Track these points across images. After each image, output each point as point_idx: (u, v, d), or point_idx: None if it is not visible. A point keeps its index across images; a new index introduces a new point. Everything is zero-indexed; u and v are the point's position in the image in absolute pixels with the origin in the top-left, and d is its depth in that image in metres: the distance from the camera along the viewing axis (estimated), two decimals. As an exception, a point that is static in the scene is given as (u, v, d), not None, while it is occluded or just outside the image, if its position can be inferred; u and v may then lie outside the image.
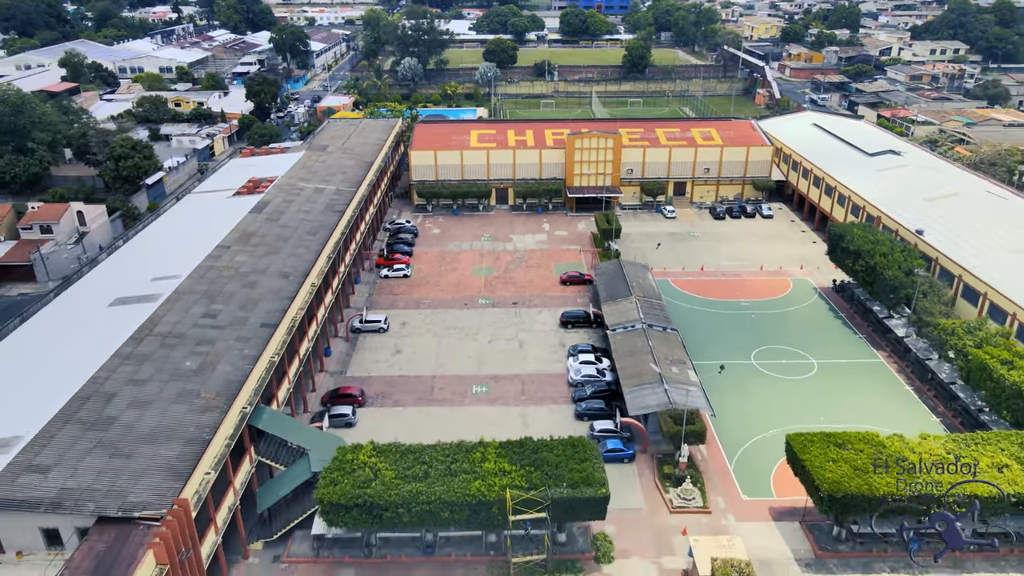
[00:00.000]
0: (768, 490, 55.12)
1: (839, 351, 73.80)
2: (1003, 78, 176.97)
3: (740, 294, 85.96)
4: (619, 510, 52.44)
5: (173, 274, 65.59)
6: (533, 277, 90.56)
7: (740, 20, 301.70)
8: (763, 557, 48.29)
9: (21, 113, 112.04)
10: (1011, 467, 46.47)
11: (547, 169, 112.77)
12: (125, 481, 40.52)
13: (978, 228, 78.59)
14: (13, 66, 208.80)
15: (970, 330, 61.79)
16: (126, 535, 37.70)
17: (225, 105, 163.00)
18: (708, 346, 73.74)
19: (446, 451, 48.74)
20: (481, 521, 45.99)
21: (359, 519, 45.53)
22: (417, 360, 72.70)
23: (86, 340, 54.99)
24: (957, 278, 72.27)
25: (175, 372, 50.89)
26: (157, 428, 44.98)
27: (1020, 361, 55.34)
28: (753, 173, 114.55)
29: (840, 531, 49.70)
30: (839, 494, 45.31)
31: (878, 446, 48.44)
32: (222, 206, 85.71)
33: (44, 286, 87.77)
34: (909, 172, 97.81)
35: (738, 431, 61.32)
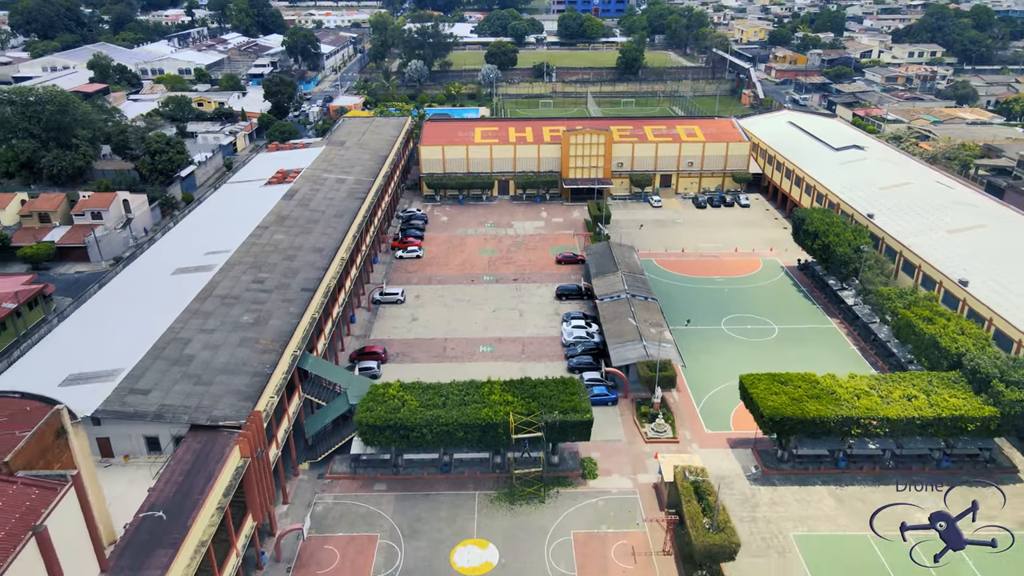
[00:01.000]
0: (727, 426, 65.55)
1: (798, 319, 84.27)
2: (973, 79, 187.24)
3: (715, 272, 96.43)
4: (603, 441, 63.01)
5: (223, 249, 75.95)
6: (532, 257, 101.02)
7: (731, 23, 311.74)
8: (720, 474, 58.52)
9: (66, 112, 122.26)
10: (918, 397, 56.85)
11: (545, 163, 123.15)
12: (209, 400, 50.90)
13: (922, 213, 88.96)
14: (40, 68, 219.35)
15: (903, 296, 72.18)
16: (214, 439, 48.03)
17: (244, 104, 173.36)
18: (685, 314, 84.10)
19: (459, 387, 59.13)
20: (488, 441, 56.38)
21: (390, 438, 55.94)
22: (431, 326, 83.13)
23: (158, 300, 65.35)
24: (898, 254, 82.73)
25: (236, 324, 61.30)
26: (228, 364, 55.37)
27: (939, 319, 65.65)
28: (732, 167, 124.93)
29: (783, 453, 60.12)
30: (778, 417, 55.74)
31: (813, 383, 58.84)
32: (256, 194, 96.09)
33: (97, 265, 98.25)
34: (869, 165, 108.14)
35: (706, 381, 71.71)
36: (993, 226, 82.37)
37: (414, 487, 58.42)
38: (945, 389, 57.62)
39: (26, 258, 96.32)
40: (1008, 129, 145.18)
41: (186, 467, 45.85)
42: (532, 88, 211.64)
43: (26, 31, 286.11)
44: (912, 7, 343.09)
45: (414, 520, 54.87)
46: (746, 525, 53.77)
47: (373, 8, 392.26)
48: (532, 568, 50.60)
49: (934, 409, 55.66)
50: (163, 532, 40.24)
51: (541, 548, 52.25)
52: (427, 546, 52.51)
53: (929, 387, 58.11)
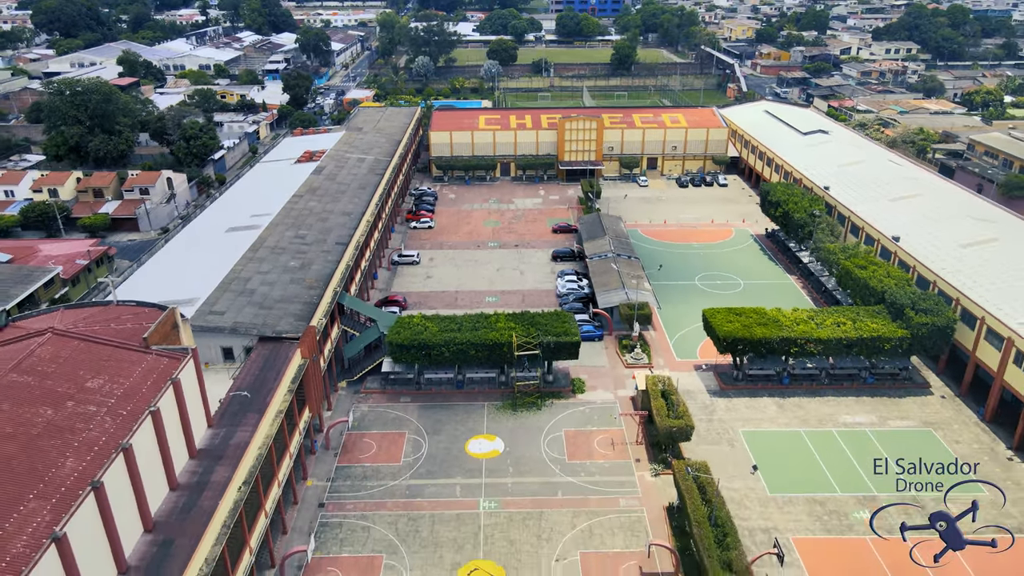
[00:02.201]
0: (694, 355, 77.61)
1: (761, 276, 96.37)
2: (943, 74, 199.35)
3: (692, 239, 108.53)
4: (590, 367, 75.06)
5: (266, 213, 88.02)
6: (531, 228, 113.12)
7: (722, 22, 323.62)
8: (686, 390, 70.40)
9: (109, 101, 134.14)
10: (846, 324, 68.94)
11: (542, 147, 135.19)
12: (272, 320, 62.98)
13: (871, 185, 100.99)
14: (68, 64, 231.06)
15: (845, 250, 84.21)
16: (279, 347, 60.08)
17: (264, 97, 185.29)
18: (664, 272, 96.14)
19: (471, 318, 71.20)
20: (495, 359, 68.44)
21: (415, 356, 68.06)
22: (443, 282, 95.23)
23: (218, 250, 77.41)
24: (847, 219, 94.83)
25: (285, 268, 73.39)
26: (283, 296, 67.45)
27: (871, 266, 77.68)
28: (712, 150, 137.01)
29: (738, 373, 72.22)
30: (731, 339, 67.88)
31: (762, 314, 70.91)
32: (288, 170, 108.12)
33: (147, 234, 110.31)
34: (831, 147, 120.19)
35: (678, 323, 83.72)
36: (928, 195, 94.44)
37: (434, 400, 70.49)
38: (869, 318, 69.77)
39: (85, 227, 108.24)
40: (967, 118, 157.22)
41: (258, 367, 57.91)
42: (531, 83, 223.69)
43: (49, 30, 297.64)
44: (895, 7, 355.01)
45: (435, 422, 66.96)
46: (704, 424, 65.86)
47: (378, 7, 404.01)
48: (530, 454, 62.71)
49: (858, 331, 67.80)
50: (250, 405, 52.32)
51: (538, 441, 64.36)
52: (446, 440, 64.61)
53: (856, 317, 70.22)
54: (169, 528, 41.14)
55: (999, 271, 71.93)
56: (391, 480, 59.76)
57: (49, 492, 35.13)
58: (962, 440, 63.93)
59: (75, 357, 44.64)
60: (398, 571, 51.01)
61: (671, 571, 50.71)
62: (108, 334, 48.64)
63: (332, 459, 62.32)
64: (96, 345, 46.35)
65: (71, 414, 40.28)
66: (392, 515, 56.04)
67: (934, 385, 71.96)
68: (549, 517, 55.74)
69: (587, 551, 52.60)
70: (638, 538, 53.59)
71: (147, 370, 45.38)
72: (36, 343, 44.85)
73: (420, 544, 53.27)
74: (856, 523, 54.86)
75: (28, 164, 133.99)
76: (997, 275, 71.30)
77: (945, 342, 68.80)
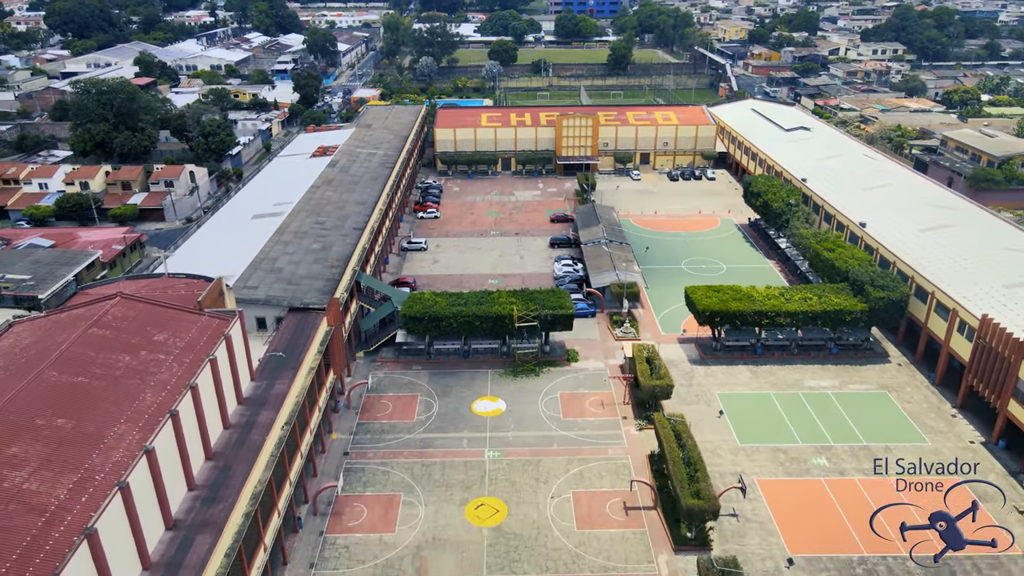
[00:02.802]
0: (678, 330, 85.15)
1: (742, 260, 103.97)
2: (925, 74, 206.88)
3: (680, 228, 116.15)
4: (583, 339, 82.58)
5: (287, 202, 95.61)
6: (530, 218, 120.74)
7: (716, 24, 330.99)
8: (669, 360, 77.71)
9: (133, 100, 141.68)
10: (812, 299, 76.55)
11: (541, 143, 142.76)
12: (300, 293, 70.58)
13: (844, 177, 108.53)
14: (84, 64, 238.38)
15: (816, 235, 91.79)
16: (307, 316, 67.69)
17: (275, 96, 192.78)
18: (653, 257, 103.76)
19: (476, 294, 78.80)
20: (498, 330, 76.02)
21: (426, 327, 75.68)
22: (449, 266, 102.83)
23: (247, 234, 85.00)
24: (821, 208, 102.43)
25: (308, 250, 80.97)
26: (308, 273, 75.06)
27: (838, 249, 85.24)
28: (701, 146, 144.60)
29: (716, 344, 79.83)
30: (709, 311, 75.52)
31: (738, 290, 78.53)
32: (304, 164, 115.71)
33: (173, 223, 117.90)
34: (812, 143, 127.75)
35: (664, 302, 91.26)
36: (896, 186, 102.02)
37: (443, 367, 78.08)
38: (833, 294, 77.39)
39: (115, 217, 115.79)
40: (944, 116, 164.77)
41: (290, 334, 65.55)
42: (531, 82, 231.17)
43: (62, 31, 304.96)
44: (886, 8, 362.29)
45: (444, 386, 74.56)
46: (684, 387, 73.44)
47: (380, 8, 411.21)
48: (529, 412, 70.33)
49: (822, 305, 75.43)
50: (285, 363, 59.94)
51: (536, 401, 71.99)
52: (454, 400, 72.22)
53: (822, 293, 77.84)
54: (226, 457, 48.80)
55: (951, 252, 79.55)
56: (406, 434, 67.42)
57: (135, 418, 42.81)
58: (913, 401, 71.58)
59: (142, 316, 52.32)
60: (415, 506, 58.67)
61: (650, 505, 58.35)
62: (166, 299, 56.31)
63: (354, 416, 69.97)
64: (158, 307, 54.03)
65: (145, 360, 47.95)
66: (408, 462, 63.71)
67: (892, 355, 79.60)
68: (545, 464, 63.39)
69: (578, 490, 60.25)
70: (623, 480, 61.22)
71: (202, 328, 53.03)
72: (109, 305, 52.48)
73: (433, 485, 60.92)
74: (813, 468, 62.54)
75: (56, 159, 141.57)
76: (948, 256, 78.92)
77: (900, 314, 76.49)
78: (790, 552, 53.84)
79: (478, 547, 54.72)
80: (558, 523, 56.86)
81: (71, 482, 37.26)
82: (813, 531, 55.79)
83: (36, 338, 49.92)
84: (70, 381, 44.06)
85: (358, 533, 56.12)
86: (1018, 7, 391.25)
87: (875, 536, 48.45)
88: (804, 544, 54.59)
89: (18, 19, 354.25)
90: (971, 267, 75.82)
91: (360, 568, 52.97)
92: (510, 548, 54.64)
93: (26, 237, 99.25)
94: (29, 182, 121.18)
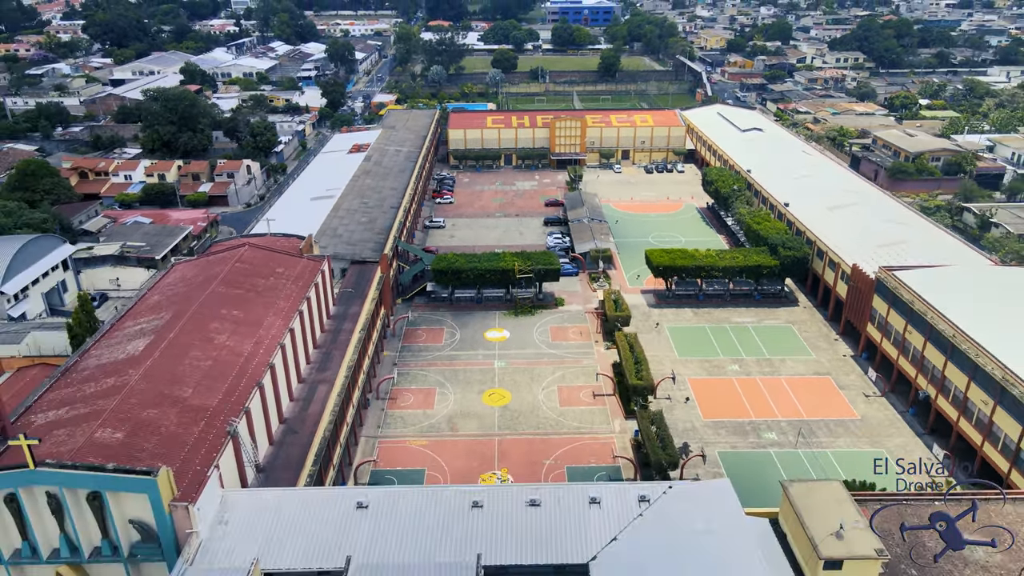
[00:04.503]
0: (642, 284, 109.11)
1: (697, 235, 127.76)
2: (876, 81, 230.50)
3: (650, 211, 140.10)
4: (568, 291, 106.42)
5: (336, 187, 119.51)
6: (528, 202, 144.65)
7: (700, 32, 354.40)
8: (633, 304, 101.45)
9: (194, 106, 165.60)
10: (739, 257, 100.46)
11: (538, 141, 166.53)
12: (358, 251, 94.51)
13: (782, 168, 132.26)
14: (130, 72, 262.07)
15: (751, 213, 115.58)
16: (365, 268, 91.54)
17: (305, 101, 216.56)
18: (626, 232, 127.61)
19: (487, 255, 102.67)
20: (503, 281, 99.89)
21: (450, 279, 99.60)
22: (464, 239, 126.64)
23: (309, 211, 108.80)
24: (759, 192, 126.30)
25: (359, 222, 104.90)
26: (362, 238, 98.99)
27: (764, 222, 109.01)
28: (673, 145, 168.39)
29: (668, 293, 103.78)
30: (661, 266, 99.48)
31: (684, 251, 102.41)
32: (344, 158, 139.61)
33: (236, 207, 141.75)
34: (761, 141, 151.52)
35: (633, 266, 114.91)
36: (820, 176, 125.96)
37: (462, 310, 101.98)
38: (755, 254, 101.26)
39: (189, 202, 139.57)
40: (884, 119, 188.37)
41: (354, 279, 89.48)
42: (529, 88, 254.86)
43: (102, 41, 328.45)
44: (859, 17, 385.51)
45: (463, 322, 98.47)
46: (641, 322, 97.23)
47: (389, 17, 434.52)
48: (527, 338, 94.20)
49: (746, 261, 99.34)
50: (354, 296, 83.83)
51: (531, 331, 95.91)
52: (471, 331, 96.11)
53: (747, 254, 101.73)
54: (326, 347, 72.78)
55: (845, 224, 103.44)
56: (438, 352, 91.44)
57: (277, 313, 66.77)
58: (809, 331, 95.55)
59: (264, 258, 76.32)
60: (447, 395, 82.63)
61: (610, 393, 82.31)
62: (276, 248, 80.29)
63: (398, 342, 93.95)
64: (272, 254, 78.00)
65: (272, 284, 71.93)
66: (440, 369, 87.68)
67: (802, 302, 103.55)
68: (538, 369, 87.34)
69: (561, 385, 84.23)
70: (592, 379, 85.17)
71: (304, 266, 77.01)
72: (241, 251, 76.42)
73: (458, 382, 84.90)
74: (728, 371, 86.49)
75: (128, 156, 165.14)
76: (843, 227, 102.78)
77: (803, 269, 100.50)
78: (703, 419, 77.90)
79: (491, 417, 78.76)
80: (546, 404, 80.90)
81: (251, 343, 61.27)
82: (721, 408, 79.84)
83: (198, 271, 73.89)
84: (233, 292, 68.04)
85: (408, 409, 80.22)
86: (982, 15, 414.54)
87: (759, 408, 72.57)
88: (713, 414, 78.66)
89: (56, 28, 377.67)
90: (857, 234, 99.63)
91: (412, 428, 77.05)
92: (513, 418, 78.64)
93: (128, 216, 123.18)
94: (116, 174, 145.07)
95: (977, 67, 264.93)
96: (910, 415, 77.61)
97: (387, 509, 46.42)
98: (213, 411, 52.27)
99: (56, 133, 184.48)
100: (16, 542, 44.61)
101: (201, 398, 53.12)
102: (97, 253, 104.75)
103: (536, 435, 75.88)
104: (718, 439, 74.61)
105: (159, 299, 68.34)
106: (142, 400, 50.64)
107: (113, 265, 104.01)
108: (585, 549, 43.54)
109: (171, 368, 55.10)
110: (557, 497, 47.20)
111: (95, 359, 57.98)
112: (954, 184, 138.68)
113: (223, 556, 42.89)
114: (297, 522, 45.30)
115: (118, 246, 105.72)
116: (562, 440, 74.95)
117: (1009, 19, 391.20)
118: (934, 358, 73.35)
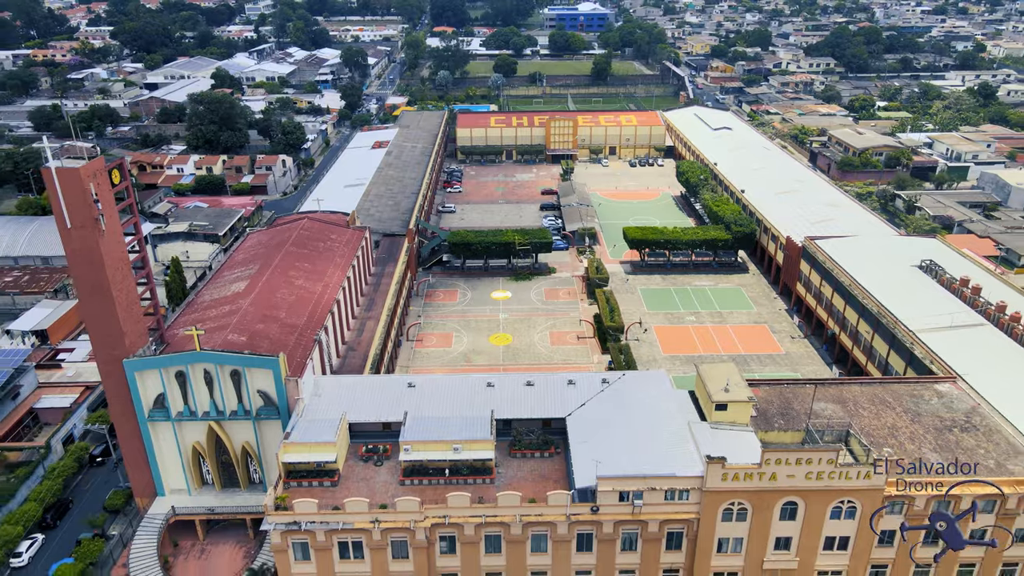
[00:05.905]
0: (621, 256, 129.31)
1: (670, 218, 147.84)
2: (843, 84, 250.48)
3: (632, 198, 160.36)
4: (559, 262, 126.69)
5: (365, 176, 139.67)
6: (527, 191, 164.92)
7: (687, 38, 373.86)
8: (613, 272, 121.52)
9: (232, 108, 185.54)
10: (698, 233, 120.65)
11: (535, 139, 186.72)
12: (388, 227, 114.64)
13: (744, 161, 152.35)
14: (162, 76, 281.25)
15: (713, 199, 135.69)
16: (395, 240, 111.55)
17: (325, 102, 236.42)
18: (610, 215, 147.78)
19: (492, 231, 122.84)
20: (506, 252, 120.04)
21: (462, 251, 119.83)
22: (472, 222, 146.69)
23: (343, 196, 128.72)
24: (723, 181, 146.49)
25: (385, 204, 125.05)
26: (390, 216, 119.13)
27: (723, 205, 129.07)
28: (654, 142, 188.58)
29: (642, 262, 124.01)
30: (636, 240, 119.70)
31: (655, 227, 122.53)
32: (368, 153, 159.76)
33: (274, 196, 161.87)
34: (731, 139, 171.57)
35: (613, 242, 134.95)
36: (775, 168, 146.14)
37: (472, 276, 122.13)
38: (712, 230, 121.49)
39: (235, 191, 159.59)
40: (844, 119, 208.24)
41: (387, 249, 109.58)
42: (528, 91, 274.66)
43: (131, 47, 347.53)
44: (837, 23, 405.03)
45: (473, 285, 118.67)
46: (619, 284, 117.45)
47: (396, 23, 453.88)
48: (526, 297, 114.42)
49: (705, 235, 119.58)
50: (388, 259, 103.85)
51: (529, 292, 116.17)
52: (480, 292, 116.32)
53: (706, 230, 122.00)
54: (371, 295, 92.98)
55: (788, 206, 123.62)
56: (453, 307, 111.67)
57: (336, 267, 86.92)
58: (754, 292, 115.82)
59: (320, 228, 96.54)
60: (461, 338, 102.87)
61: (591, 336, 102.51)
62: (328, 220, 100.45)
63: (421, 300, 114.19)
64: (326, 224, 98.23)
65: (330, 246, 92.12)
66: (456, 320, 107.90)
67: (752, 270, 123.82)
68: (535, 320, 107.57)
69: (552, 331, 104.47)
70: (577, 326, 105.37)
71: (351, 235, 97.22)
72: (302, 224, 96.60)
73: (470, 329, 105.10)
74: (686, 321, 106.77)
75: (174, 152, 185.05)
76: (786, 208, 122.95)
77: (752, 241, 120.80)
78: (664, 353, 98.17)
79: (497, 353, 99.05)
80: (540, 344, 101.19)
81: (320, 285, 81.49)
82: (677, 346, 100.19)
83: (270, 237, 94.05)
84: (301, 251, 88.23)
85: (432, 348, 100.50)
86: (954, 21, 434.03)
87: (707, 347, 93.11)
88: (671, 351, 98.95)
89: (85, 33, 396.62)
90: (796, 214, 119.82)
91: (435, 362, 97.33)
92: (514, 354, 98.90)
93: (188, 202, 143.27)
94: (170, 167, 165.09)
95: (938, 71, 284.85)
96: (824, 350, 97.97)
97: (429, 388, 66.70)
98: (302, 327, 72.56)
99: (108, 132, 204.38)
100: (179, 406, 64.77)
101: (293, 319, 73.40)
102: (170, 230, 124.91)
103: (532, 366, 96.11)
104: (673, 367, 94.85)
105: (244, 257, 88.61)
106: (253, 318, 70.90)
107: (184, 240, 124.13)
108: (563, 410, 63.70)
109: (268, 299, 75.35)
110: (546, 380, 67.52)
111: (209, 296, 78.28)
112: (892, 175, 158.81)
113: (321, 413, 63.03)
114: (368, 395, 65.56)
115: (187, 224, 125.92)
116: (552, 369, 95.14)
117: (978, 25, 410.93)
118: (839, 304, 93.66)
